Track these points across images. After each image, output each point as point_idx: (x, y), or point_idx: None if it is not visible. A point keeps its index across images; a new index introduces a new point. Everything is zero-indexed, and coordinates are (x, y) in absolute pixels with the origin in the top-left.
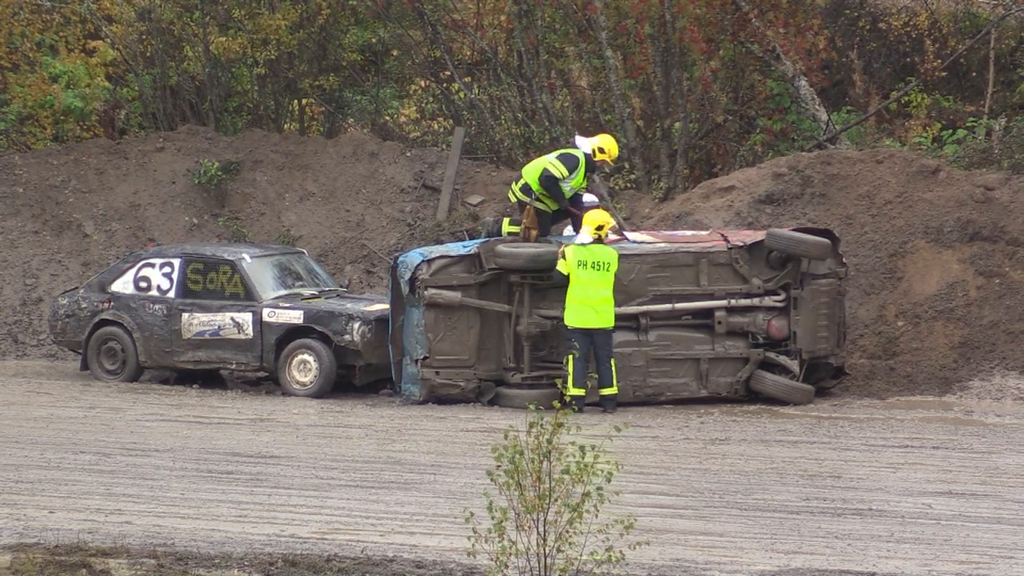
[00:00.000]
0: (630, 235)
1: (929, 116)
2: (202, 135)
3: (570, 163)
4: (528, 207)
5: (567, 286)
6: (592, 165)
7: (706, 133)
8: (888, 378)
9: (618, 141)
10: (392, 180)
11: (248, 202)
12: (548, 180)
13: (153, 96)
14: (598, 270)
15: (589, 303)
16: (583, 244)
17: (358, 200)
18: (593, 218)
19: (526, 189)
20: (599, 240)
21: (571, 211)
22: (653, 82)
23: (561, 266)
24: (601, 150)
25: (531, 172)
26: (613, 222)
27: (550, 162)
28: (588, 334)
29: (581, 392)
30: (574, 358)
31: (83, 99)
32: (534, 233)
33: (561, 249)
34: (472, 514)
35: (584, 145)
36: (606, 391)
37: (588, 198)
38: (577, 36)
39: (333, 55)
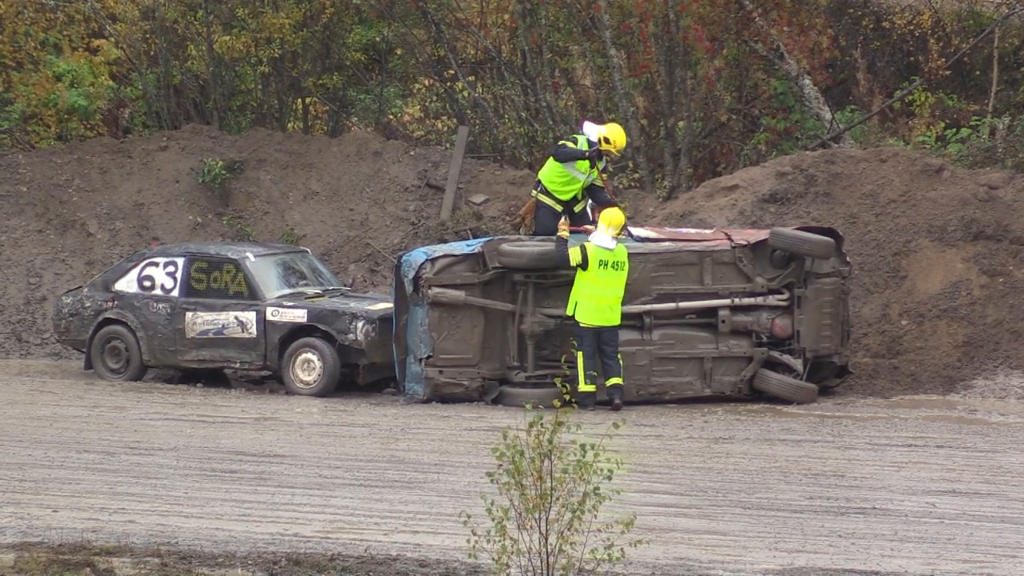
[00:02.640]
0: (634, 230)
1: (933, 115)
2: (206, 134)
3: (570, 143)
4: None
5: (572, 282)
6: (598, 153)
7: (710, 132)
8: (892, 377)
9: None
10: (396, 179)
11: (252, 201)
12: (560, 150)
13: (157, 95)
14: (616, 269)
15: (604, 302)
16: (606, 247)
17: (362, 199)
18: (615, 219)
19: (536, 184)
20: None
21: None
22: (657, 81)
23: (574, 255)
24: (607, 140)
25: (543, 169)
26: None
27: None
28: (597, 331)
29: (592, 388)
30: (584, 355)
31: (87, 98)
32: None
33: (581, 244)
34: (469, 516)
35: (591, 132)
36: (613, 380)
37: None
38: (581, 35)
39: (337, 54)
